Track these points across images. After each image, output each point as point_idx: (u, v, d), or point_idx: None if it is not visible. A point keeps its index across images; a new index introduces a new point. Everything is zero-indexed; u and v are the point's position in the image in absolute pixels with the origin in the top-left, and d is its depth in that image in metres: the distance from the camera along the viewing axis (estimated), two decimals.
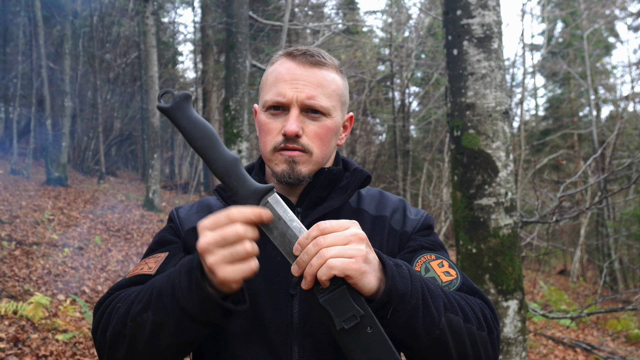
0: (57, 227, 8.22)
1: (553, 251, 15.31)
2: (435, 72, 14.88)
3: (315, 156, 1.09)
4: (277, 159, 1.09)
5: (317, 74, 1.09)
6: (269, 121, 1.10)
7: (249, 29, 8.34)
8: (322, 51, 1.14)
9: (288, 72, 1.09)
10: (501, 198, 2.83)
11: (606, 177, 3.80)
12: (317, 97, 1.08)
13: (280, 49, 8.64)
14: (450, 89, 2.98)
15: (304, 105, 1.07)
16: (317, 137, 1.09)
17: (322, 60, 1.11)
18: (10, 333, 4.19)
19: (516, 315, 2.80)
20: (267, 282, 1.06)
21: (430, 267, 1.06)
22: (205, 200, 1.25)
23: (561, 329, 8.58)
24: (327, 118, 1.10)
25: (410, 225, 1.17)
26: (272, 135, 1.10)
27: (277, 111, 1.10)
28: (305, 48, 1.12)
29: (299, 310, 1.05)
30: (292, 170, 1.08)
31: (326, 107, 1.09)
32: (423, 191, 15.49)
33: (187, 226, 1.18)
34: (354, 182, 1.17)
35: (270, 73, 1.13)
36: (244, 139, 7.10)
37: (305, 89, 1.07)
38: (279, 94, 1.08)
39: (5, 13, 16.19)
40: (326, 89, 1.10)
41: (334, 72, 1.13)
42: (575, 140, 18.68)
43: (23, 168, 12.58)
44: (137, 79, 19.76)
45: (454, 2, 2.94)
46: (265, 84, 1.14)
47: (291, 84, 1.08)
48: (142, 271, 1.08)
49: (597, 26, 16.88)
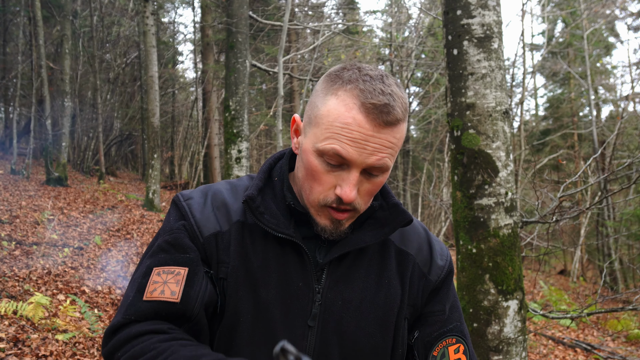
0: (57, 227, 8.22)
1: (553, 251, 15.29)
2: (435, 72, 14.89)
3: (361, 211, 1.01)
4: (323, 214, 1.00)
5: (391, 135, 0.93)
6: (323, 171, 0.96)
7: (249, 29, 8.33)
8: (397, 96, 0.94)
9: (359, 130, 0.91)
10: (501, 198, 2.83)
11: (606, 177, 3.80)
12: (385, 159, 0.94)
13: (281, 49, 8.57)
14: (450, 89, 2.98)
15: (367, 167, 0.95)
16: (369, 194, 0.99)
17: (398, 117, 0.92)
18: (10, 333, 4.19)
19: (516, 315, 2.80)
20: (285, 308, 1.00)
21: (447, 354, 1.07)
22: (219, 195, 1.08)
23: (561, 329, 8.58)
24: (384, 174, 0.99)
25: (435, 274, 1.12)
26: (323, 187, 0.97)
27: (334, 166, 0.95)
28: (384, 100, 0.91)
29: (315, 343, 1.00)
30: (336, 229, 1.00)
31: (389, 167, 0.97)
32: (423, 191, 15.50)
33: (206, 231, 1.03)
34: (394, 222, 1.06)
35: (332, 113, 0.93)
36: (244, 139, 7.10)
37: (375, 153, 0.92)
38: (344, 151, 0.92)
39: (5, 13, 16.19)
40: (395, 148, 0.95)
41: (404, 123, 0.96)
42: (575, 140, 18.69)
43: (23, 168, 12.58)
44: (137, 79, 19.78)
45: (454, 2, 2.94)
46: (324, 122, 0.94)
47: (360, 145, 0.91)
48: (163, 296, 0.95)
49: (597, 26, 16.88)
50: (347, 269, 1.05)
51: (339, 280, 1.04)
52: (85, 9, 17.78)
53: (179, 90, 23.67)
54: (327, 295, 1.02)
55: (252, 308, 1.00)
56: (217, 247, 1.03)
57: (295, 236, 1.01)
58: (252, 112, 16.20)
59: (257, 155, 18.48)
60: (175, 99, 23.41)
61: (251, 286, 1.01)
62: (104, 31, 18.50)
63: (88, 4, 16.49)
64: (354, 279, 1.05)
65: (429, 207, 16.37)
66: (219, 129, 16.73)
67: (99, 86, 15.71)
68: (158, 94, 11.61)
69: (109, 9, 18.68)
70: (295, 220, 1.05)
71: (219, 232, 1.03)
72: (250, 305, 1.00)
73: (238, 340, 1.01)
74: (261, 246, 1.03)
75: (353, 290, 1.04)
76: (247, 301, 1.01)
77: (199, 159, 16.84)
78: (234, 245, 1.02)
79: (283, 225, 1.02)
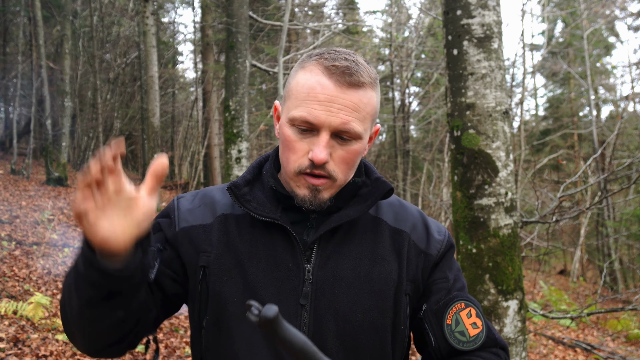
0: (57, 227, 8.22)
1: (553, 251, 15.30)
2: (435, 72, 14.88)
3: (339, 181, 1.04)
4: (300, 182, 1.03)
5: (355, 96, 0.98)
6: (295, 139, 1.01)
7: (249, 29, 8.33)
8: (362, 63, 1.01)
9: (323, 92, 0.98)
10: (501, 198, 2.83)
11: (606, 177, 3.80)
12: (352, 123, 0.98)
13: (281, 49, 8.57)
14: (450, 89, 2.98)
15: (335, 130, 0.99)
16: (343, 162, 1.02)
17: (361, 79, 0.99)
18: (10, 333, 4.19)
19: (516, 315, 2.80)
20: (276, 289, 1.02)
21: (460, 320, 1.07)
22: (210, 193, 1.15)
23: (561, 329, 8.58)
24: (357, 142, 1.02)
25: (435, 248, 1.13)
26: (297, 155, 1.01)
27: (305, 131, 1.00)
28: (346, 63, 0.98)
29: (308, 321, 1.01)
30: (314, 197, 1.03)
31: (359, 132, 1.00)
32: (423, 191, 15.50)
33: (184, 223, 1.09)
34: (375, 193, 1.10)
35: (300, 82, 1.02)
36: (244, 139, 7.10)
37: (340, 114, 0.97)
38: (312, 115, 0.98)
39: (5, 13, 16.19)
40: (361, 112, 1.00)
41: (371, 90, 1.02)
42: (575, 140, 18.69)
43: (23, 168, 12.58)
44: (137, 79, 19.75)
45: (454, 2, 2.94)
46: (294, 93, 1.02)
47: (325, 107, 0.97)
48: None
49: (597, 26, 16.88)
50: (336, 247, 1.06)
51: (329, 257, 1.05)
52: (85, 9, 17.78)
53: (179, 90, 23.67)
54: (317, 273, 1.04)
55: (240, 292, 1.02)
56: (197, 238, 1.07)
57: (282, 219, 1.04)
58: (252, 112, 16.20)
59: (257, 155, 18.45)
60: (175, 99, 23.40)
61: (238, 271, 1.03)
62: (104, 31, 18.48)
63: (88, 4, 16.49)
64: (344, 256, 1.06)
65: (429, 207, 16.36)
66: (219, 129, 16.73)
67: (99, 86, 15.71)
68: (158, 94, 11.61)
69: (109, 9, 18.67)
70: (283, 207, 1.08)
71: (200, 224, 1.08)
72: (238, 289, 1.02)
73: (226, 323, 1.03)
74: (249, 234, 1.07)
75: (344, 266, 1.05)
76: (234, 285, 1.03)
77: (199, 159, 16.84)
78: (217, 236, 1.07)
79: (269, 210, 1.05)
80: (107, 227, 0.83)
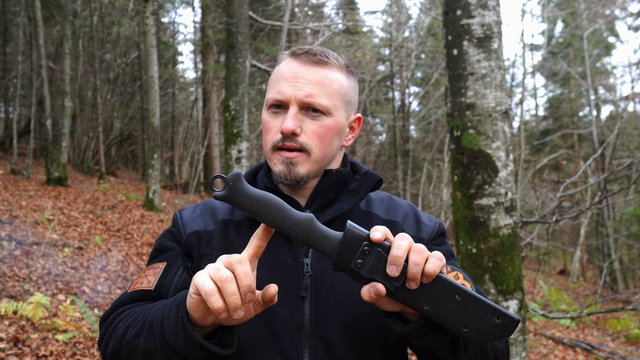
0: (57, 227, 8.22)
1: (553, 251, 15.31)
2: (435, 72, 14.88)
3: (315, 155, 1.08)
4: (275, 159, 1.09)
5: (319, 72, 1.08)
6: (270, 119, 1.10)
7: (249, 29, 8.34)
8: (328, 51, 1.13)
9: (289, 71, 1.08)
10: (501, 198, 2.83)
11: (606, 177, 3.80)
12: (316, 96, 1.06)
13: (281, 49, 8.60)
14: (450, 89, 2.98)
15: (303, 104, 1.06)
16: (316, 135, 1.08)
17: (325, 59, 1.09)
18: (10, 333, 4.19)
19: (516, 315, 2.80)
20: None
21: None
22: (210, 202, 1.22)
23: (561, 329, 8.58)
24: (328, 117, 1.08)
25: (425, 232, 1.18)
26: (271, 133, 1.09)
27: (277, 110, 1.09)
28: (309, 47, 1.11)
29: (310, 312, 1.04)
30: (289, 171, 1.07)
31: (326, 105, 1.07)
32: (423, 191, 15.50)
33: (189, 229, 1.16)
34: (365, 185, 1.16)
35: (274, 73, 1.13)
36: (244, 139, 7.10)
37: (304, 87, 1.06)
38: (279, 92, 1.07)
39: (5, 13, 16.20)
40: (327, 87, 1.08)
41: (337, 71, 1.11)
42: (575, 140, 18.70)
43: (23, 168, 12.57)
44: (137, 79, 19.76)
45: (454, 2, 2.94)
46: (270, 83, 1.14)
47: (291, 82, 1.07)
48: (141, 286, 1.09)
49: (597, 26, 16.87)
50: None
51: None
52: (85, 9, 17.78)
53: (179, 90, 23.68)
54: (316, 265, 1.07)
55: None
56: (200, 243, 1.14)
57: None
58: (252, 112, 16.21)
59: (257, 155, 18.46)
60: (175, 99, 23.41)
61: None
62: (104, 31, 18.48)
63: (88, 4, 16.49)
64: None
65: (429, 207, 16.36)
66: (219, 129, 16.73)
67: (99, 86, 15.71)
68: (158, 94, 11.61)
69: (109, 9, 18.67)
70: None
71: (202, 230, 1.15)
72: None
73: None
74: (247, 235, 1.10)
75: None
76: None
77: (199, 159, 16.82)
78: (218, 239, 1.13)
79: None
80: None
